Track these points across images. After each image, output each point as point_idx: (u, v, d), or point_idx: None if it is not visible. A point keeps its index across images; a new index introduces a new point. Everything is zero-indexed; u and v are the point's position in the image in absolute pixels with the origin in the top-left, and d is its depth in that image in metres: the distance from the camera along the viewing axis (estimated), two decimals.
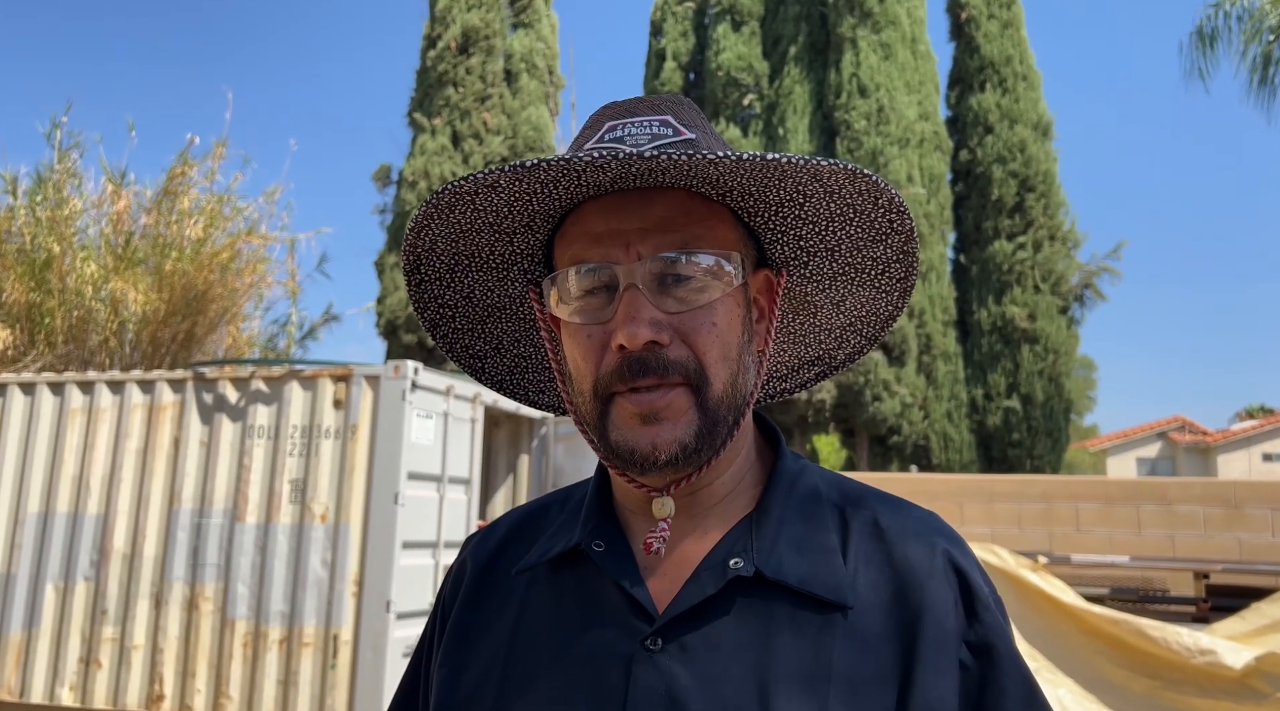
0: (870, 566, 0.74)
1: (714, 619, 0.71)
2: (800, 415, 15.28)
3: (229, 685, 6.85)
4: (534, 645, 0.76)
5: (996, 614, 0.75)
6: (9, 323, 11.46)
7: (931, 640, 0.71)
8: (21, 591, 7.47)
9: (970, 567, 0.76)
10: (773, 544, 0.74)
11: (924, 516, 0.80)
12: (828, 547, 0.75)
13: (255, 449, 7.13)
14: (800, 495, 0.78)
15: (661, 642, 0.70)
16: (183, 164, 13.45)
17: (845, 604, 0.72)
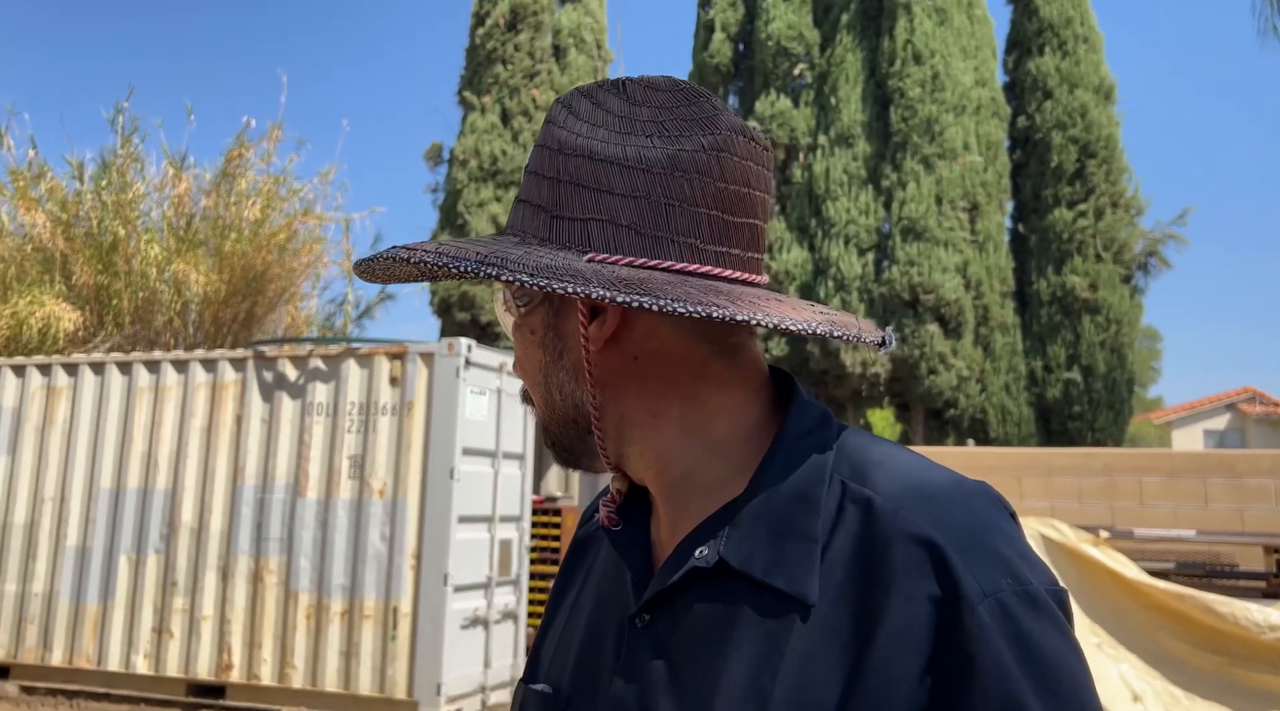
0: (849, 554, 0.68)
1: (683, 604, 0.72)
2: (854, 389, 15.13)
3: (294, 655, 7.05)
4: (580, 605, 0.84)
5: (987, 619, 0.63)
6: (79, 305, 11.82)
7: (887, 641, 0.64)
8: (97, 564, 7.75)
9: (963, 563, 0.64)
10: (748, 530, 0.71)
11: (931, 498, 0.69)
12: (806, 534, 0.69)
13: (315, 426, 7.28)
14: (801, 470, 0.72)
15: (649, 618, 0.73)
16: (240, 147, 13.71)
17: (805, 597, 0.67)
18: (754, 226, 0.75)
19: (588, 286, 0.65)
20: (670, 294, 0.66)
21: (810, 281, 15.02)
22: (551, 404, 0.78)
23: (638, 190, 0.71)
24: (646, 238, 0.71)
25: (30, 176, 12.85)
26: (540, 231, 0.73)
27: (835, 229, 14.91)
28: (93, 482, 7.93)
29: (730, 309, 0.65)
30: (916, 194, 15.31)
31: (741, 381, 0.76)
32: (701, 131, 0.72)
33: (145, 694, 7.46)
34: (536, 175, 0.75)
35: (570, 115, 0.75)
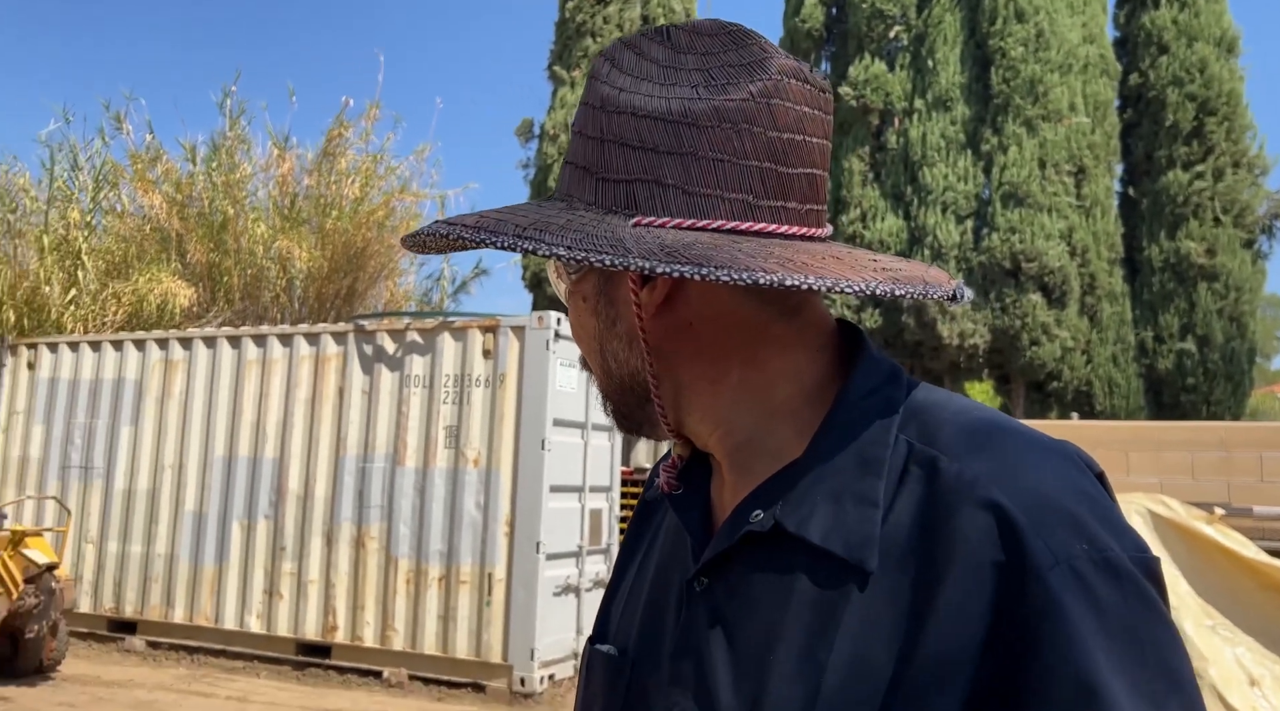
0: (911, 519, 0.64)
1: (740, 568, 0.70)
2: (952, 361, 14.75)
3: (394, 618, 7.31)
4: (646, 567, 0.83)
5: (1056, 588, 0.58)
6: (193, 281, 12.38)
7: (947, 613, 0.60)
8: (212, 528, 8.17)
9: (1031, 528, 0.59)
10: (806, 494, 0.68)
11: (1002, 458, 0.64)
12: (868, 497, 0.66)
13: (412, 397, 7.49)
14: (864, 431, 0.68)
15: (707, 582, 0.72)
16: (339, 126, 14.08)
17: (863, 564, 0.64)
18: (812, 176, 0.70)
19: (627, 257, 0.62)
20: (717, 259, 0.62)
21: (906, 250, 14.67)
22: (608, 371, 0.77)
23: (683, 146, 0.67)
24: (695, 197, 0.67)
25: (147, 159, 13.48)
26: (586, 195, 0.70)
27: (932, 196, 14.49)
28: (207, 451, 8.34)
29: (780, 273, 0.61)
30: (1018, 158, 14.75)
31: (804, 342, 0.73)
32: (750, 77, 0.68)
33: (258, 651, 7.85)
34: (581, 135, 0.72)
35: (613, 68, 0.71)
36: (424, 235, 0.68)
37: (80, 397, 8.99)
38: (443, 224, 0.67)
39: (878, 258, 0.71)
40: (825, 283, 0.62)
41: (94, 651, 8.19)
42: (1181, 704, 0.58)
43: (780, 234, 0.68)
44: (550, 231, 0.65)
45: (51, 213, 12.05)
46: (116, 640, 8.39)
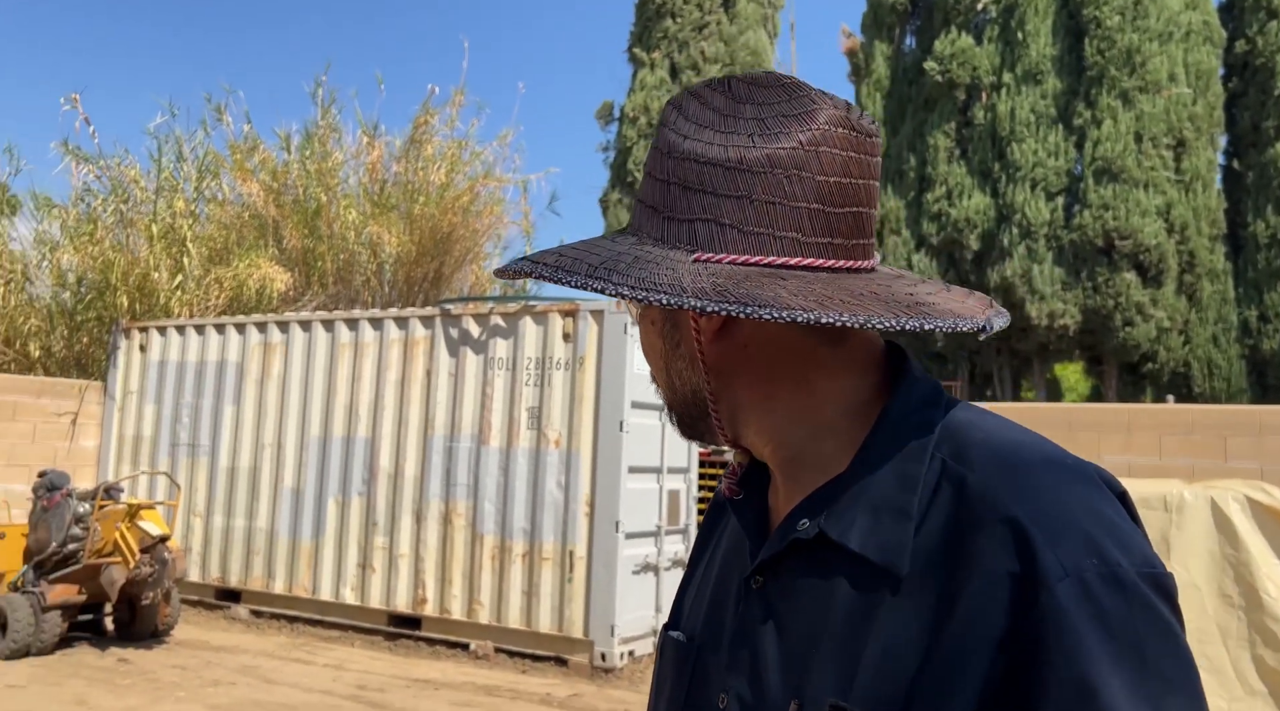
0: (940, 531, 0.71)
1: (789, 570, 0.78)
2: (1040, 342, 14.38)
3: (480, 592, 7.57)
4: (714, 562, 0.93)
5: (1064, 599, 0.64)
6: (289, 266, 12.89)
7: (964, 616, 0.67)
8: (309, 504, 8.57)
9: (1044, 542, 0.65)
10: (851, 505, 0.75)
11: (1024, 477, 0.70)
12: (903, 510, 0.73)
13: (496, 379, 7.72)
14: (903, 449, 0.76)
15: (761, 581, 0.81)
16: (426, 113, 14.44)
17: (897, 571, 0.71)
18: (857, 214, 0.76)
19: (682, 297, 0.69)
20: (761, 298, 0.69)
21: (993, 229, 14.33)
22: (673, 387, 0.85)
23: (739, 190, 0.74)
24: (749, 235, 0.74)
25: (246, 149, 14.05)
26: (654, 231, 0.77)
27: (1021, 172, 14.11)
28: (304, 430, 8.74)
29: (817, 311, 0.68)
30: (1113, 132, 14.23)
31: (850, 365, 0.80)
32: (800, 127, 0.75)
33: (353, 621, 8.23)
34: (651, 177, 0.80)
35: (680, 117, 0.79)
36: (511, 270, 0.76)
37: (187, 378, 9.50)
38: (527, 262, 0.76)
39: (916, 288, 0.77)
40: (858, 320, 0.69)
41: (203, 618, 8.70)
42: (1178, 705, 0.63)
43: (827, 268, 0.75)
44: (618, 270, 0.73)
45: (159, 202, 12.67)
46: (223, 608, 8.89)
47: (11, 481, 9.09)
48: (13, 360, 11.05)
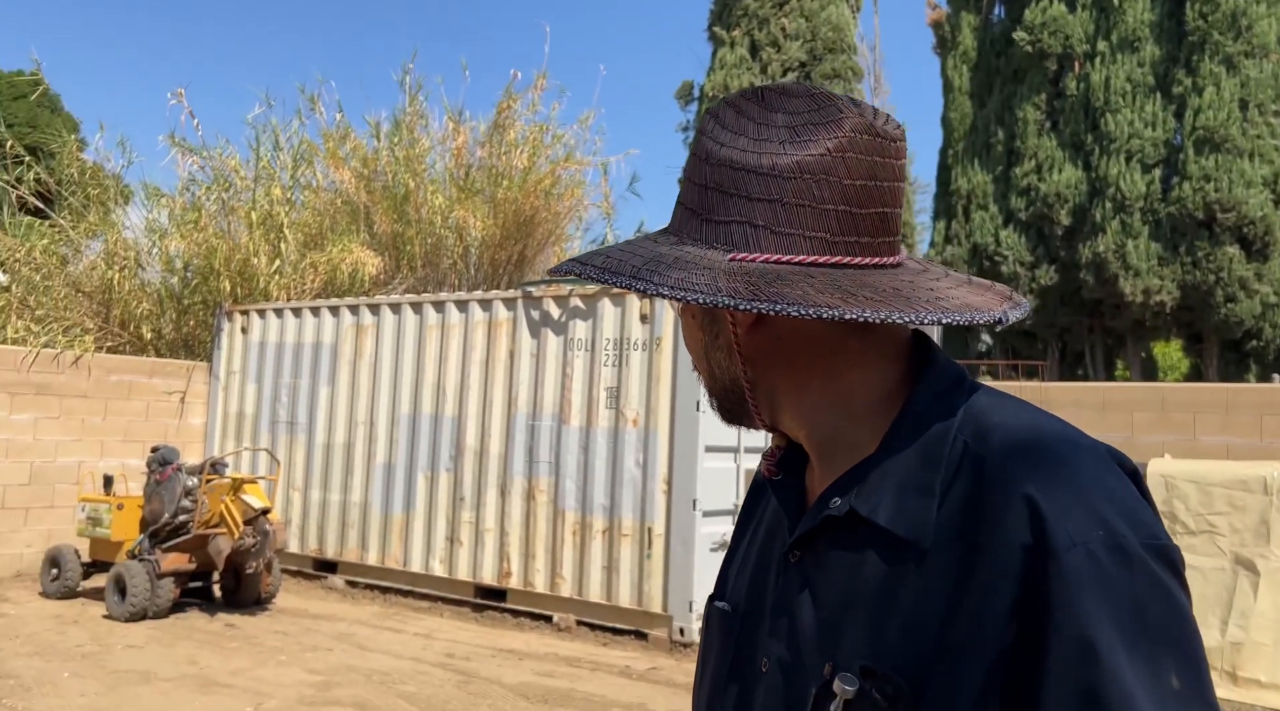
0: (960, 508, 0.77)
1: (823, 545, 0.84)
2: (1135, 319, 13.90)
3: (563, 567, 7.80)
4: (757, 537, 1.00)
5: (1071, 567, 0.69)
6: (379, 251, 13.33)
7: (981, 585, 0.73)
8: (400, 479, 8.93)
9: (1055, 517, 0.71)
10: (879, 484, 0.81)
11: (1039, 457, 0.75)
12: (927, 488, 0.79)
13: (575, 360, 7.90)
14: (927, 432, 0.81)
15: (799, 555, 0.87)
16: (509, 98, 14.67)
17: (921, 544, 0.77)
18: (883, 214, 0.82)
19: (716, 297, 0.75)
20: (790, 296, 0.75)
21: (1085, 203, 13.88)
22: (713, 376, 0.91)
23: (771, 194, 0.80)
24: (781, 236, 0.80)
25: (338, 137, 14.53)
26: (694, 232, 0.83)
27: (1115, 144, 13.61)
28: (395, 409, 9.09)
29: (840, 307, 0.74)
30: (1215, 100, 13.60)
31: (878, 355, 0.85)
32: (828, 134, 0.80)
33: (441, 593, 8.57)
34: (690, 181, 0.85)
35: (717, 125, 0.85)
36: (563, 270, 0.83)
37: (285, 359, 9.96)
38: (576, 263, 0.83)
39: (938, 283, 0.83)
40: (879, 315, 0.74)
41: (302, 587, 9.16)
42: (1177, 662, 0.68)
43: (854, 265, 0.80)
44: (659, 271, 0.79)
45: (257, 190, 13.23)
46: (320, 578, 9.35)
47: (128, 456, 9.70)
48: (127, 342, 11.73)
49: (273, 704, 5.50)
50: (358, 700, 5.64)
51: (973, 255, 15.25)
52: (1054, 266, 14.29)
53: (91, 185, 12.95)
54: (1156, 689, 0.67)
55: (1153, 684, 0.67)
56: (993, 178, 15.18)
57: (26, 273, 11.94)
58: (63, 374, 9.49)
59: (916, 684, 0.73)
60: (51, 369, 9.42)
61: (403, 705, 5.58)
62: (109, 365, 9.95)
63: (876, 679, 0.75)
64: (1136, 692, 0.66)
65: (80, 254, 12.62)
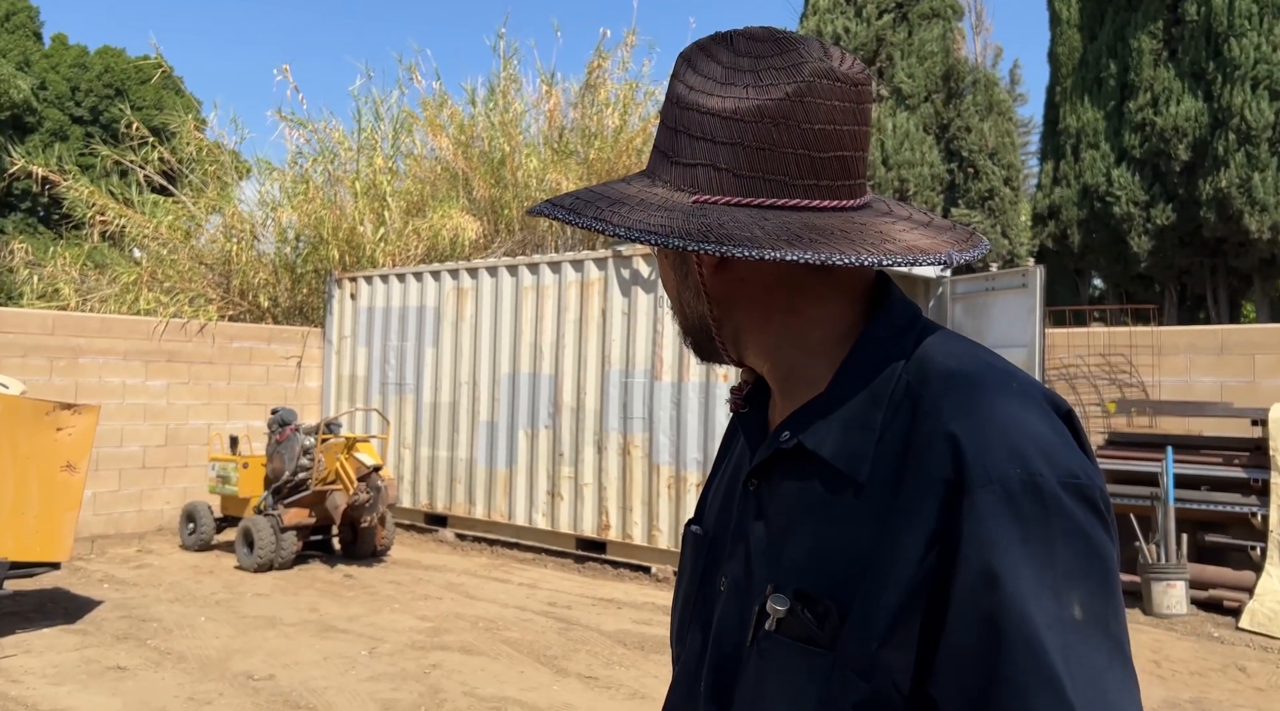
0: (895, 444, 0.80)
1: (776, 475, 0.89)
2: (1262, 258, 13.05)
3: (659, 519, 7.97)
4: (728, 467, 1.06)
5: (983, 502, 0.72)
6: (478, 215, 13.64)
7: (902, 518, 0.76)
8: (503, 436, 9.24)
9: (975, 454, 0.74)
10: (825, 418, 0.85)
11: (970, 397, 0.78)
12: (868, 424, 0.82)
13: (665, 317, 7.99)
14: (873, 369, 0.84)
15: (756, 484, 0.91)
16: (599, 57, 14.71)
17: (858, 477, 0.80)
18: (842, 158, 0.83)
19: (666, 238, 0.77)
20: (737, 237, 0.77)
21: (1206, 136, 13.05)
22: (684, 314, 0.95)
23: (734, 138, 0.82)
24: (744, 179, 0.82)
25: (436, 105, 14.87)
26: (664, 174, 0.86)
27: (1239, 71, 12.71)
28: (495, 368, 9.39)
29: (784, 250, 0.76)
30: None
31: (837, 293, 0.88)
32: (787, 79, 0.81)
33: (544, 545, 8.87)
34: (663, 124, 0.88)
35: (688, 68, 0.87)
36: (536, 212, 0.85)
37: (392, 323, 10.37)
38: (548, 204, 0.85)
39: (893, 226, 0.84)
40: (819, 257, 0.76)
41: (415, 540, 9.63)
42: (1082, 595, 0.71)
43: (811, 207, 0.82)
44: (619, 212, 0.81)
45: (361, 160, 13.69)
46: (431, 531, 9.80)
47: (251, 418, 10.32)
48: (246, 311, 12.41)
49: (386, 647, 5.86)
50: (464, 645, 5.95)
51: (1082, 197, 14.56)
52: (1171, 205, 13.53)
53: (209, 162, 13.63)
54: (1057, 616, 0.70)
55: (1054, 611, 0.70)
56: (1104, 114, 14.41)
57: (155, 247, 12.73)
58: (190, 342, 10.13)
59: (843, 606, 0.78)
60: (180, 337, 10.06)
61: (506, 650, 5.86)
62: (231, 332, 10.56)
63: (809, 600, 0.80)
64: (1035, 618, 0.69)
65: (201, 228, 13.35)
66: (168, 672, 5.31)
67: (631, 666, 5.61)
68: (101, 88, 30.23)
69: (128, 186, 12.97)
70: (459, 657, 5.69)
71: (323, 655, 5.68)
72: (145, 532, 9.57)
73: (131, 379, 9.67)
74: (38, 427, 5.85)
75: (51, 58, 30.82)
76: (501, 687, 5.18)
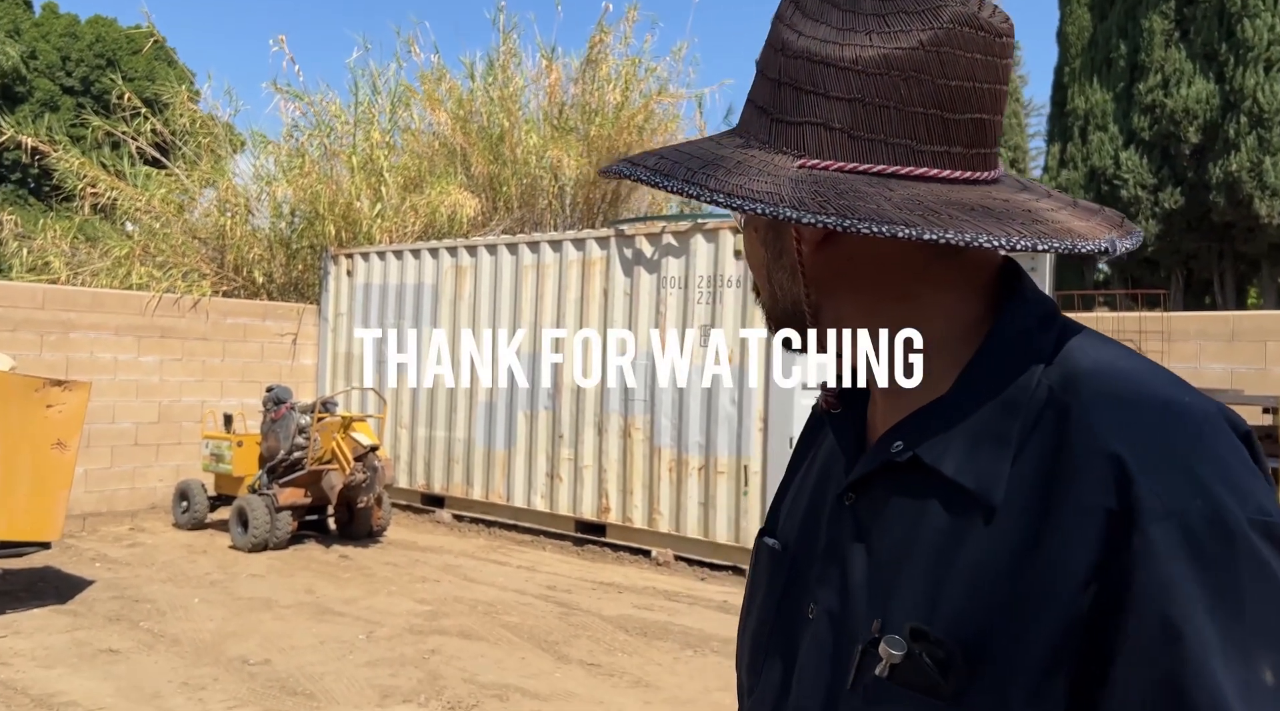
0: (1038, 462, 0.68)
1: (881, 490, 0.76)
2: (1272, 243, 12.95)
3: (660, 503, 7.87)
4: (811, 473, 0.92)
5: (1159, 540, 0.60)
6: (476, 192, 13.46)
7: (1054, 552, 0.64)
8: (501, 417, 9.11)
9: (1146, 480, 0.62)
10: (949, 428, 0.73)
11: (1133, 411, 0.66)
12: (1002, 437, 0.70)
13: (669, 297, 7.85)
14: (1007, 373, 0.72)
15: (854, 498, 0.79)
16: (600, 32, 14.48)
17: (990, 499, 0.68)
18: (979, 121, 0.71)
19: (778, 207, 0.66)
20: (862, 210, 0.65)
21: (1217, 119, 12.90)
22: (774, 297, 0.82)
23: (852, 93, 0.70)
24: (860, 141, 0.70)
25: (434, 79, 14.64)
26: (761, 134, 0.74)
27: (1253, 53, 12.54)
28: (495, 348, 9.23)
29: (920, 227, 0.64)
30: None
31: (963, 280, 0.75)
32: (921, 25, 0.69)
33: (543, 527, 8.77)
34: (762, 75, 0.75)
35: (796, 11, 0.75)
36: (612, 172, 0.73)
37: (389, 301, 10.21)
38: (627, 164, 0.73)
39: (1038, 203, 0.72)
40: (964, 237, 0.64)
41: (411, 521, 9.52)
42: (1274, 658, 0.59)
43: (940, 178, 0.70)
44: (716, 176, 0.69)
45: (358, 134, 13.47)
46: (429, 512, 9.69)
47: (246, 395, 10.17)
48: (241, 286, 12.23)
49: (384, 631, 5.75)
50: (463, 629, 5.84)
51: (1090, 179, 14.41)
52: (1180, 188, 13.40)
53: (203, 134, 13.40)
54: (1247, 681, 0.58)
55: (1243, 676, 0.58)
56: (1113, 95, 14.24)
57: (147, 221, 12.53)
58: (183, 317, 9.96)
59: (972, 652, 0.66)
60: (173, 313, 9.89)
61: (506, 635, 5.76)
62: (225, 308, 10.40)
63: (928, 642, 0.68)
64: (1224, 684, 0.58)
65: (195, 202, 13.15)
66: (161, 656, 5.20)
67: (634, 653, 5.52)
68: (93, 58, 29.86)
69: (119, 158, 12.76)
70: (458, 642, 5.59)
71: (319, 639, 5.58)
72: (138, 510, 9.45)
73: (124, 355, 9.51)
74: (27, 404, 5.71)
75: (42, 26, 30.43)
76: (502, 674, 5.08)
